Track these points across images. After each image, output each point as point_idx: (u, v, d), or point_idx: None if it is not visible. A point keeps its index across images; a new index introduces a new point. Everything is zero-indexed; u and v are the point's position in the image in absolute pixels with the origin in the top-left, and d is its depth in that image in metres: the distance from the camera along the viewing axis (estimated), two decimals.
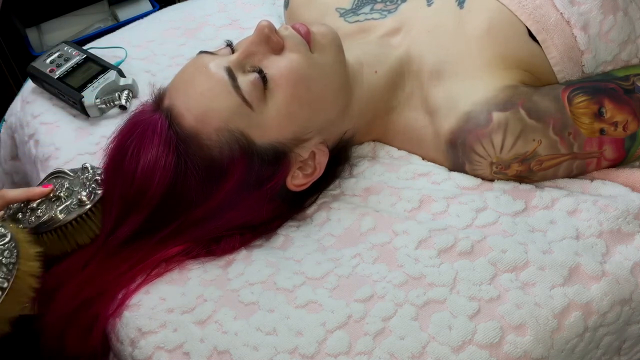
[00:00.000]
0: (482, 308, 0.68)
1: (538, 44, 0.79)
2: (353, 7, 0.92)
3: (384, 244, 0.75)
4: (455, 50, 0.81)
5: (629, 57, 0.81)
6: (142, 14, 1.60)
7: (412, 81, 0.84)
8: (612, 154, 0.78)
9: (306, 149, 0.78)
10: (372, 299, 0.70)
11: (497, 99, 0.76)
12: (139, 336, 0.70)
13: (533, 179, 0.79)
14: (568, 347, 0.68)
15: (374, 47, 0.86)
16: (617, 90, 0.77)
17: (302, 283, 0.72)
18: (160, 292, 0.74)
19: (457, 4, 0.84)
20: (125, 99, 0.99)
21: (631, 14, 0.80)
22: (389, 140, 0.87)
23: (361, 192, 0.82)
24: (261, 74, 0.74)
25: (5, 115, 1.11)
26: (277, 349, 0.67)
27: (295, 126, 0.76)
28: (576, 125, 0.75)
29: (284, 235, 0.80)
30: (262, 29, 0.75)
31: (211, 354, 0.68)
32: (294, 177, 0.78)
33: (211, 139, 0.73)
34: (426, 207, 0.78)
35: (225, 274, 0.75)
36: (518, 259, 0.71)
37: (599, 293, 0.69)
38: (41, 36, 1.63)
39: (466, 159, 0.78)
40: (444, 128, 0.79)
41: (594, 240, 0.73)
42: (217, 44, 0.83)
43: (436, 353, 0.65)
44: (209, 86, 0.73)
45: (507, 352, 0.66)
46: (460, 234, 0.73)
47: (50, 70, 1.02)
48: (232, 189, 0.74)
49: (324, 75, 0.77)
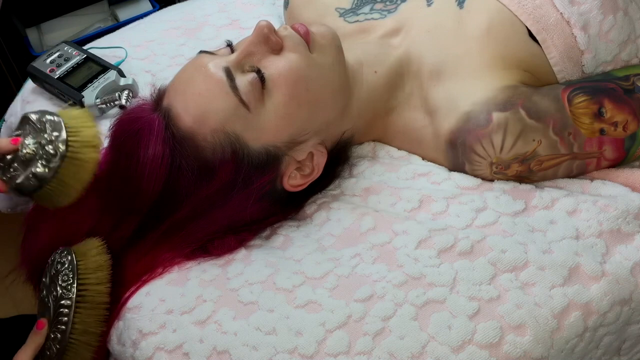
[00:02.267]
0: (482, 308, 0.68)
1: (538, 44, 0.79)
2: (353, 7, 0.92)
3: (384, 244, 0.75)
4: (455, 50, 0.81)
5: (629, 57, 0.81)
6: (142, 14, 1.60)
7: (412, 81, 0.84)
8: (612, 154, 0.78)
9: (303, 151, 0.78)
10: (372, 299, 0.70)
11: (497, 99, 0.76)
12: (139, 337, 0.71)
13: (533, 179, 0.79)
14: (568, 347, 0.68)
15: (373, 47, 0.86)
16: (617, 90, 0.77)
17: (302, 283, 0.72)
18: (160, 293, 0.74)
19: (457, 4, 0.84)
20: (125, 99, 0.99)
21: (631, 14, 0.80)
22: (389, 140, 0.87)
23: (361, 192, 0.82)
24: (259, 73, 0.74)
25: (5, 115, 1.11)
26: (276, 349, 0.67)
27: (292, 128, 0.76)
28: (576, 126, 0.75)
29: (283, 235, 0.80)
30: (261, 29, 0.75)
31: (211, 354, 0.68)
32: (291, 177, 0.78)
33: (206, 140, 0.73)
34: (426, 207, 0.78)
35: (224, 273, 0.75)
36: (518, 259, 0.70)
37: (598, 293, 0.69)
38: (41, 36, 1.62)
39: (466, 159, 0.78)
40: (443, 128, 0.79)
41: (593, 240, 0.72)
42: (217, 44, 0.83)
43: (436, 353, 0.65)
44: (206, 87, 0.73)
45: (507, 352, 0.66)
46: (460, 234, 0.73)
47: (50, 70, 1.02)
48: (217, 190, 0.74)
49: (323, 75, 0.77)
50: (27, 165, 0.70)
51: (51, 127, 0.71)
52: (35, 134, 0.71)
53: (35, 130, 0.71)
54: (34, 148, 0.70)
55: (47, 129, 0.70)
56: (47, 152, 0.69)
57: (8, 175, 0.71)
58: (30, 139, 0.71)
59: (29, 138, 0.71)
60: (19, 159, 0.71)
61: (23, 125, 0.73)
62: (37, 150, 0.70)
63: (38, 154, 0.70)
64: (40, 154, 0.70)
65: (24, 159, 0.70)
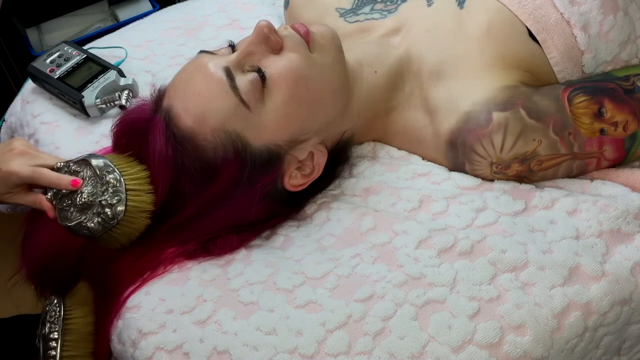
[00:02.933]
0: (482, 308, 0.68)
1: (538, 44, 0.79)
2: (353, 7, 0.92)
3: (384, 244, 0.75)
4: (455, 50, 0.81)
5: (629, 57, 0.81)
6: (142, 14, 1.60)
7: (412, 81, 0.84)
8: (612, 154, 0.78)
9: (304, 150, 0.78)
10: (372, 299, 0.70)
11: (497, 99, 0.76)
12: (139, 337, 0.70)
13: (533, 179, 0.79)
14: (568, 347, 0.68)
15: (373, 47, 0.86)
16: (617, 90, 0.77)
17: (302, 283, 0.72)
18: (159, 292, 0.74)
19: (457, 4, 0.84)
20: (125, 99, 0.99)
21: (631, 14, 0.80)
22: (389, 140, 0.87)
23: (361, 192, 0.82)
24: (260, 73, 0.74)
25: (5, 115, 1.11)
26: (276, 349, 0.67)
27: (292, 127, 0.76)
28: (576, 125, 0.75)
29: (283, 235, 0.80)
30: (261, 28, 0.75)
31: (211, 354, 0.68)
32: (291, 177, 0.78)
33: (207, 139, 0.73)
34: (426, 207, 0.78)
35: (224, 274, 0.75)
36: (518, 259, 0.70)
37: (598, 293, 0.69)
38: (41, 36, 1.62)
39: (466, 159, 0.78)
40: (443, 128, 0.79)
41: (594, 240, 0.72)
42: (217, 44, 0.83)
43: (436, 353, 0.65)
44: (206, 86, 0.73)
45: (507, 352, 0.66)
46: (460, 234, 0.73)
47: (50, 70, 1.02)
48: (221, 189, 0.74)
49: (323, 75, 0.77)
50: (80, 210, 0.73)
51: (113, 189, 0.72)
52: (94, 184, 0.73)
53: (95, 181, 0.73)
54: (91, 199, 0.73)
55: (108, 189, 0.73)
56: (105, 213, 0.72)
57: (59, 207, 0.74)
58: (89, 187, 0.73)
59: (88, 186, 0.73)
60: (74, 200, 0.73)
61: (83, 166, 0.75)
62: (93, 202, 0.72)
63: (94, 206, 0.72)
64: (96, 210, 0.72)
65: (78, 203, 0.73)
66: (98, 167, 0.74)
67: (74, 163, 0.76)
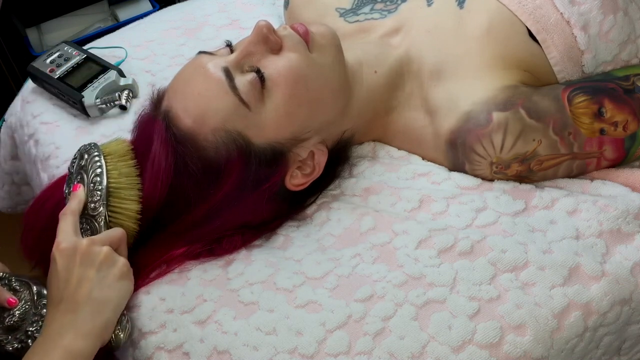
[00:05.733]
0: (482, 308, 0.68)
1: (538, 44, 0.79)
2: (353, 7, 0.92)
3: (384, 244, 0.75)
4: (455, 50, 0.81)
5: (629, 57, 0.81)
6: (142, 14, 1.60)
7: (412, 81, 0.84)
8: (612, 154, 0.78)
9: (305, 149, 0.78)
10: (372, 299, 0.70)
11: (497, 98, 0.76)
12: (139, 336, 0.71)
13: (533, 179, 0.79)
14: (568, 347, 0.68)
15: (373, 47, 0.86)
16: (617, 90, 0.77)
17: (302, 283, 0.72)
18: (160, 292, 0.74)
19: (457, 4, 0.84)
20: (125, 99, 0.99)
21: (631, 14, 0.80)
22: (389, 140, 0.87)
23: (361, 192, 0.82)
24: (259, 73, 0.74)
25: (5, 115, 1.12)
26: (277, 349, 0.67)
27: (293, 126, 0.76)
28: (576, 125, 0.75)
29: (284, 235, 0.80)
30: (261, 28, 0.75)
31: (211, 354, 0.68)
32: (292, 176, 0.78)
33: (208, 139, 0.73)
34: (426, 207, 0.78)
35: (225, 273, 0.75)
36: (518, 259, 0.71)
37: (598, 293, 0.69)
38: (41, 36, 1.62)
39: (466, 159, 0.78)
40: (443, 128, 0.79)
41: (594, 240, 0.73)
42: (217, 44, 0.83)
43: (436, 353, 0.65)
44: (206, 86, 0.73)
45: (507, 352, 0.66)
46: (460, 234, 0.73)
47: (50, 70, 1.02)
48: (230, 190, 0.74)
49: (322, 75, 0.77)
50: (5, 329, 0.74)
51: None
52: (27, 310, 0.75)
53: (30, 306, 0.75)
54: (19, 324, 0.74)
55: (39, 321, 0.74)
56: (26, 342, 0.73)
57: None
58: (21, 312, 0.74)
59: (21, 309, 0.74)
60: (3, 317, 0.74)
61: (24, 287, 0.76)
62: (20, 327, 0.74)
63: (19, 332, 0.74)
64: (19, 336, 0.74)
65: (6, 323, 0.74)
66: (38, 294, 0.75)
67: (17, 280, 0.77)
